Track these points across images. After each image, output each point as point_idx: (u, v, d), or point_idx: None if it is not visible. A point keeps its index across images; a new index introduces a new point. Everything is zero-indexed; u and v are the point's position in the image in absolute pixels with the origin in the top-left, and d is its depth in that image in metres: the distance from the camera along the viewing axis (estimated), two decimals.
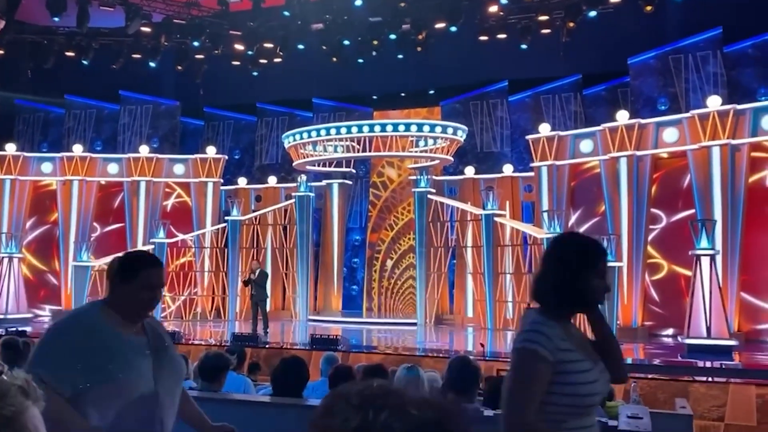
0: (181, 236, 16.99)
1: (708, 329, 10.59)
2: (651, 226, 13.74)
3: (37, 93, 18.44)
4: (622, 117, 13.81)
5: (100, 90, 18.52)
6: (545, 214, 13.93)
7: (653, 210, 13.76)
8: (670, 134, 13.35)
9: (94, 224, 17.65)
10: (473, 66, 16.60)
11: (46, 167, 17.56)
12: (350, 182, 18.02)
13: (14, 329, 10.26)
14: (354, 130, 15.39)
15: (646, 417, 3.43)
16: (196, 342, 11.94)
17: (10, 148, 17.42)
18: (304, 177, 16.88)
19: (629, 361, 10.92)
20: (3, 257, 16.11)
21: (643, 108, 14.79)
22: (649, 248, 13.72)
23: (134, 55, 16.89)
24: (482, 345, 10.56)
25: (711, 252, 11.04)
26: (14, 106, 19.49)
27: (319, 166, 16.80)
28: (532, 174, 15.48)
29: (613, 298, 12.10)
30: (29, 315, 16.17)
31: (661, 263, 13.75)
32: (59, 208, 17.39)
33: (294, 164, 16.57)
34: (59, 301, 17.03)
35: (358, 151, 15.80)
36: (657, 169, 13.83)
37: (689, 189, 13.14)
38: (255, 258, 15.96)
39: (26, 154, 17.65)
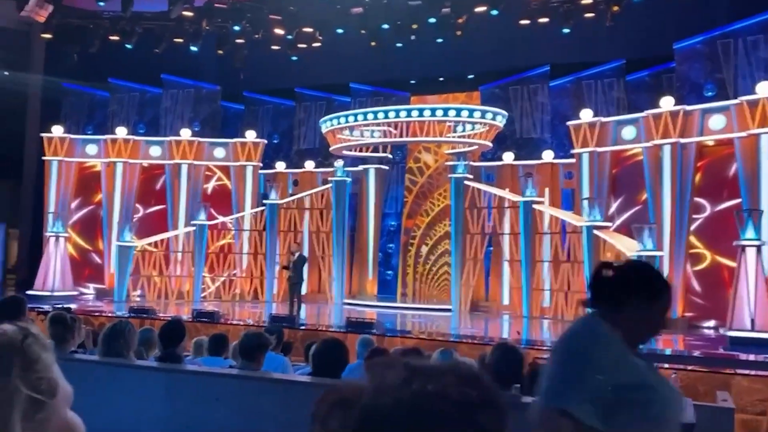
0: (221, 219, 17.27)
1: (752, 321, 10.34)
2: (694, 216, 13.43)
3: (83, 77, 18.83)
4: (667, 103, 13.47)
5: (143, 74, 18.82)
6: (585, 202, 13.73)
7: (697, 199, 13.44)
8: (716, 121, 12.99)
9: (137, 205, 18.05)
10: (514, 50, 16.33)
11: (91, 149, 18.00)
12: (387, 167, 18.01)
13: (60, 306, 10.59)
14: (391, 114, 15.34)
15: (689, 408, 3.37)
16: (234, 322, 12.18)
17: (57, 131, 17.90)
18: (341, 162, 16.94)
19: (668, 352, 10.76)
20: (50, 236, 16.63)
21: (688, 94, 14.38)
22: (692, 238, 13.43)
23: (176, 40, 17.10)
24: (518, 332, 10.52)
25: (757, 243, 10.75)
26: (61, 90, 19.95)
27: (355, 151, 16.83)
28: (572, 161, 15.25)
29: None
30: (74, 292, 16.68)
31: (704, 253, 13.45)
32: (103, 190, 17.82)
33: (331, 149, 16.63)
34: (103, 279, 17.51)
35: (395, 136, 15.76)
36: (702, 158, 13.49)
37: (735, 178, 12.78)
38: (295, 241, 16.16)
39: (72, 136, 18.10)
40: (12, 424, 0.96)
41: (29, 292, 14.77)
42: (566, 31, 14.98)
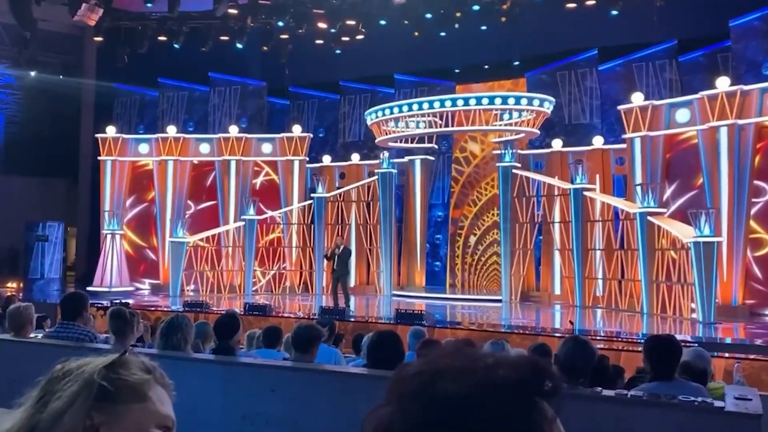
0: (269, 213, 17.49)
1: None
2: (754, 200, 12.94)
3: (133, 77, 19.30)
4: (723, 84, 12.99)
5: (190, 72, 19.18)
6: (638, 188, 13.37)
7: (756, 182, 12.94)
8: None
9: (188, 202, 18.44)
10: (560, 35, 15.98)
11: (143, 148, 18.46)
12: (432, 158, 17.92)
13: (119, 301, 10.90)
14: (436, 105, 15.21)
15: (755, 399, 3.23)
16: (285, 315, 12.33)
17: (111, 131, 18.41)
18: (386, 154, 16.93)
19: (729, 341, 10.41)
20: (106, 234, 17.16)
21: (745, 74, 13.82)
22: (752, 223, 12.94)
23: (222, 38, 17.36)
24: (571, 322, 10.34)
25: None
26: (113, 91, 20.51)
27: (401, 142, 16.78)
28: (624, 146, 14.88)
29: (711, 275, 11.50)
30: (131, 288, 17.18)
31: (765, 238, 12.96)
32: (156, 187, 18.27)
33: (376, 141, 16.63)
34: (158, 275, 17.97)
35: (441, 127, 15.64)
36: (761, 139, 12.97)
37: None
38: (339, 234, 16.25)
39: (125, 136, 18.60)
40: (76, 407, 1.00)
41: (88, 288, 15.27)
42: (614, 13, 14.58)
